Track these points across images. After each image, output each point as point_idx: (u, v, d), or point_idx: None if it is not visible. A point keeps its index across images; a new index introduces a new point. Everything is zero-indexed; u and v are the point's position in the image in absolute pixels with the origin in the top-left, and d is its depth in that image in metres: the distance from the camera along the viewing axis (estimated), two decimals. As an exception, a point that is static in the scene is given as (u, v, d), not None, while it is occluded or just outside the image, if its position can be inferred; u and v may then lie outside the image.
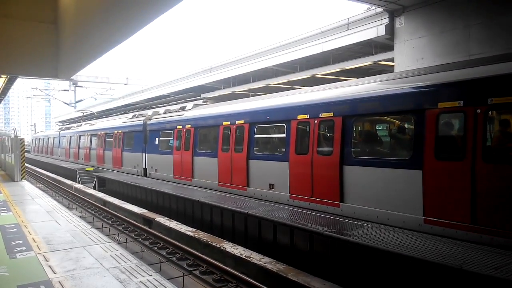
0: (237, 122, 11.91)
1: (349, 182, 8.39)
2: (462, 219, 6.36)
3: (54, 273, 5.18)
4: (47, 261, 5.69)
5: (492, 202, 6.02)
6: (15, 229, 7.62)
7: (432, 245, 6.11)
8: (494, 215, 6.00)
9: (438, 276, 5.38)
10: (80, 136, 27.90)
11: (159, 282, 4.84)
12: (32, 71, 7.90)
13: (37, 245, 6.50)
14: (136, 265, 5.52)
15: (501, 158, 6.22)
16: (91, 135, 25.37)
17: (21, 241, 6.74)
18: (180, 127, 15.09)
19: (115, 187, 17.90)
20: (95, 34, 5.35)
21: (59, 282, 4.84)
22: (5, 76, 14.72)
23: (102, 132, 23.31)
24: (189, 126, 14.54)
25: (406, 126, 8.21)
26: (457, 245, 6.08)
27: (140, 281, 4.86)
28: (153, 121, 17.93)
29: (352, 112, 8.51)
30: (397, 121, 8.57)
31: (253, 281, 6.68)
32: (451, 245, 6.08)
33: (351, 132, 8.50)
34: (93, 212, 14.16)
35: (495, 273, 4.86)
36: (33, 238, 6.95)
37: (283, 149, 10.21)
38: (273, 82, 18.60)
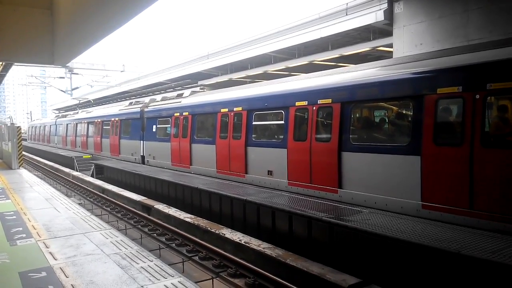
0: (235, 109, 11.87)
1: (347, 169, 8.42)
2: (460, 204, 6.40)
3: (55, 259, 5.21)
4: (48, 247, 5.71)
5: (490, 187, 6.06)
6: (14, 217, 7.64)
7: (430, 230, 6.16)
8: (491, 200, 6.05)
9: (436, 260, 5.44)
10: (77, 123, 27.78)
11: (160, 268, 4.87)
12: (27, 57, 7.79)
13: (37, 232, 6.52)
14: (137, 251, 5.55)
15: (499, 143, 6.24)
16: (88, 123, 25.26)
17: (20, 228, 6.76)
18: (178, 114, 15.03)
19: (113, 175, 17.90)
20: (91, 20, 5.27)
21: (60, 268, 4.87)
22: (0, 63, 14.55)
23: (99, 120, 23.21)
24: (187, 113, 14.50)
25: (405, 112, 8.20)
26: (454, 230, 6.13)
27: (141, 267, 4.89)
28: (150, 108, 17.85)
29: (350, 98, 8.49)
30: (395, 107, 8.56)
31: (252, 266, 6.74)
32: (449, 230, 6.14)
33: (349, 118, 8.49)
34: (92, 200, 14.19)
35: (492, 257, 4.92)
36: (32, 225, 6.96)
37: (282, 136, 10.20)
38: (271, 68, 18.47)
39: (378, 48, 13.53)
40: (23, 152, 17.79)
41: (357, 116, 9.20)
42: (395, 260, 5.98)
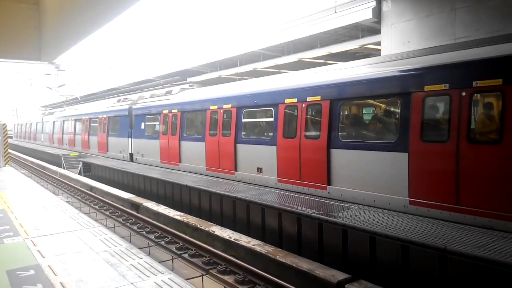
0: (224, 106, 11.85)
1: (336, 165, 8.48)
2: (447, 200, 6.50)
3: (43, 257, 5.16)
4: (35, 245, 5.65)
5: (476, 183, 6.16)
6: (1, 215, 7.53)
7: (417, 225, 6.25)
8: (477, 195, 6.15)
9: (423, 255, 5.52)
10: (64, 121, 27.44)
11: (150, 265, 4.86)
12: (13, 54, 7.66)
13: (24, 230, 6.45)
14: (126, 248, 5.53)
15: (484, 139, 6.35)
16: (76, 120, 24.98)
17: (7, 227, 6.67)
18: (167, 111, 14.96)
19: (101, 173, 17.75)
20: (80, 15, 5.23)
21: (49, 266, 4.83)
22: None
23: (87, 117, 22.97)
24: (176, 110, 14.42)
25: (393, 109, 8.28)
26: (441, 225, 6.23)
27: (131, 264, 4.87)
28: (138, 105, 17.72)
29: (339, 95, 8.54)
30: (383, 105, 8.64)
31: (242, 263, 6.76)
32: (436, 225, 6.23)
33: (338, 115, 8.55)
34: (79, 198, 14.06)
35: (478, 251, 5.01)
36: (20, 224, 6.88)
37: (271, 133, 10.23)
38: (260, 66, 18.49)
39: (366, 46, 13.62)
40: (9, 150, 17.53)
41: (346, 113, 9.26)
42: (383, 255, 6.05)
